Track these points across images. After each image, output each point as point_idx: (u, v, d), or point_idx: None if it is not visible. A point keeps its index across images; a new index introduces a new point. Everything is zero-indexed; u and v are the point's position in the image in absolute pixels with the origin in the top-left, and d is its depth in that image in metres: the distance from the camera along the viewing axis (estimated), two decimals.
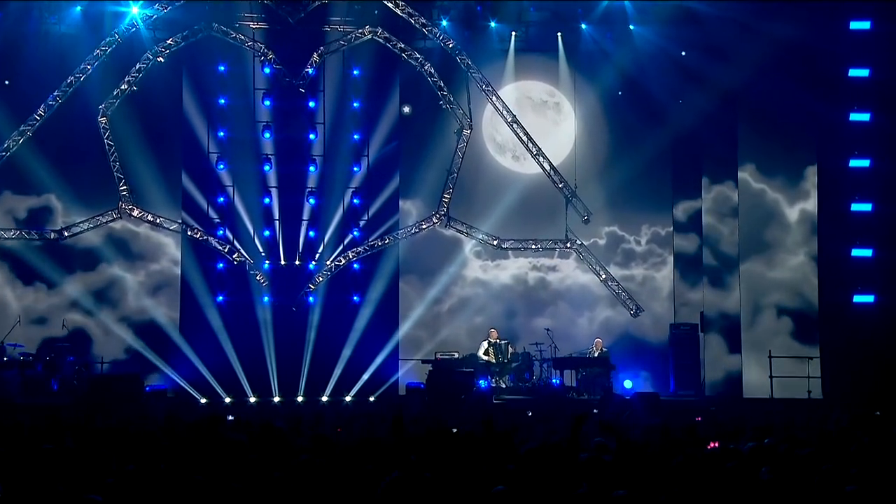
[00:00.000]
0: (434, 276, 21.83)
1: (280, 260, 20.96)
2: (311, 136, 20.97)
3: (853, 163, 20.16)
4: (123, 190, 20.60)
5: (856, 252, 20.09)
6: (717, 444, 9.39)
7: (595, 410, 16.95)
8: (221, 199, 20.86)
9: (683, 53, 21.43)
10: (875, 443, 8.69)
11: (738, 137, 21.12)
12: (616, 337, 21.62)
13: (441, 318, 21.76)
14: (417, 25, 21.25)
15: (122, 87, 20.47)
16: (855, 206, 20.12)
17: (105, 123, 20.50)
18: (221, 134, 20.78)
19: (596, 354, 20.47)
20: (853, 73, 20.18)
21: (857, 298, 20.07)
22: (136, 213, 20.71)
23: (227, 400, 19.25)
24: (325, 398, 19.70)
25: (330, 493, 6.20)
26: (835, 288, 20.18)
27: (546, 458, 6.88)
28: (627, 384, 20.62)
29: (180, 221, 20.78)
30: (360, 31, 21.09)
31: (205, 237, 20.74)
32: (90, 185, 20.75)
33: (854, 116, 20.17)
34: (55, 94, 20.39)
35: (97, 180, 20.66)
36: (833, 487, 6.57)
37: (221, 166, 20.69)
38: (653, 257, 22.30)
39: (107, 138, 20.49)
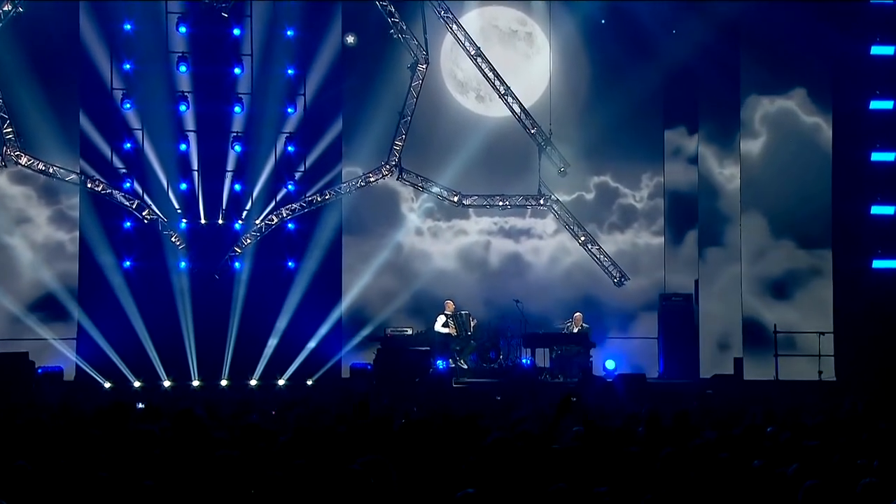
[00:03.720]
0: (384, 237, 21.82)
1: (200, 218, 20.83)
2: (237, 71, 20.78)
3: (874, 104, 20.33)
4: (8, 133, 20.28)
5: (876, 210, 20.32)
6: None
7: (573, 398, 17.08)
8: (128, 144, 20.63)
9: None
10: (894, 431, 8.88)
11: (739, 72, 21.23)
12: (597, 309, 21.79)
13: (392, 288, 21.77)
14: None
15: (5, 9, 20.07)
16: (875, 156, 20.33)
17: None
18: (127, 66, 20.50)
19: (575, 331, 20.63)
20: None
21: (877, 264, 20.35)
22: (24, 160, 20.41)
23: (137, 384, 19.21)
24: (253, 382, 19.71)
25: (260, 492, 6.23)
26: (851, 251, 20.44)
27: (514, 449, 6.97)
28: (609, 365, 20.83)
29: (78, 171, 20.53)
30: None
31: (108, 190, 20.52)
32: None
33: (876, 50, 20.32)
34: None
35: None
36: (844, 482, 6.71)
37: (128, 105, 20.45)
38: (661, 216, 22.46)
39: None
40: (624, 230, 22.54)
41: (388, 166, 21.64)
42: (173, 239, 20.62)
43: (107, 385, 19.09)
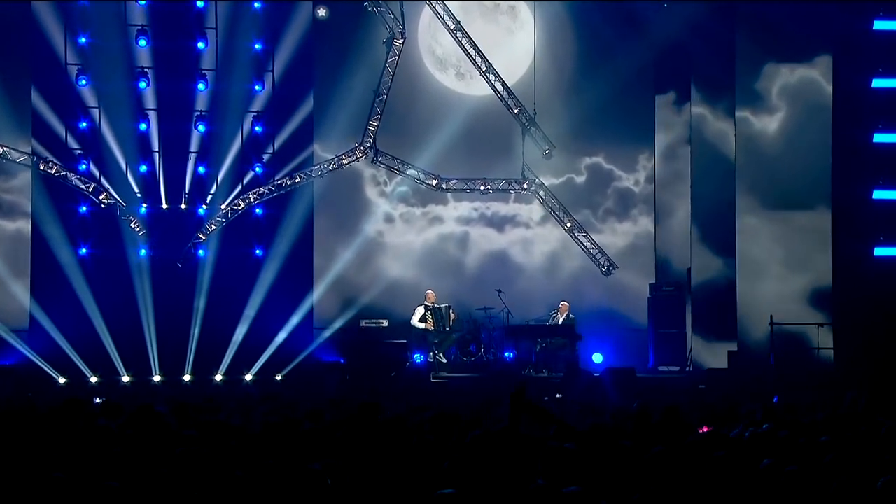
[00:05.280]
0: (357, 224, 21.83)
1: (161, 202, 20.76)
2: (200, 45, 20.69)
3: (877, 83, 20.44)
4: None
5: (878, 194, 20.45)
6: (708, 429, 9.62)
7: (558, 395, 17.18)
8: (84, 123, 20.54)
9: None
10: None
11: (735, 50, 21.29)
12: (584, 300, 21.83)
13: (366, 278, 21.78)
14: None
15: None
16: (878, 137, 20.43)
17: None
18: (83, 40, 20.39)
19: (560, 321, 20.68)
20: None
21: (879, 251, 20.49)
22: None
23: (93, 379, 19.15)
24: (218, 377, 19.69)
25: (225, 491, 6.23)
26: (852, 238, 20.55)
27: (493, 447, 7.00)
28: (597, 358, 20.89)
29: (30, 152, 20.41)
30: None
31: (62, 172, 20.43)
32: None
33: (879, 25, 20.42)
34: None
35: None
36: (844, 481, 6.76)
37: (83, 82, 20.34)
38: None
39: None
40: (622, 216, 22.57)
41: (362, 148, 21.61)
42: (132, 225, 20.55)
43: (61, 380, 19.01)
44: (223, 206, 20.99)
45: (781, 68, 21.18)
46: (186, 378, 19.65)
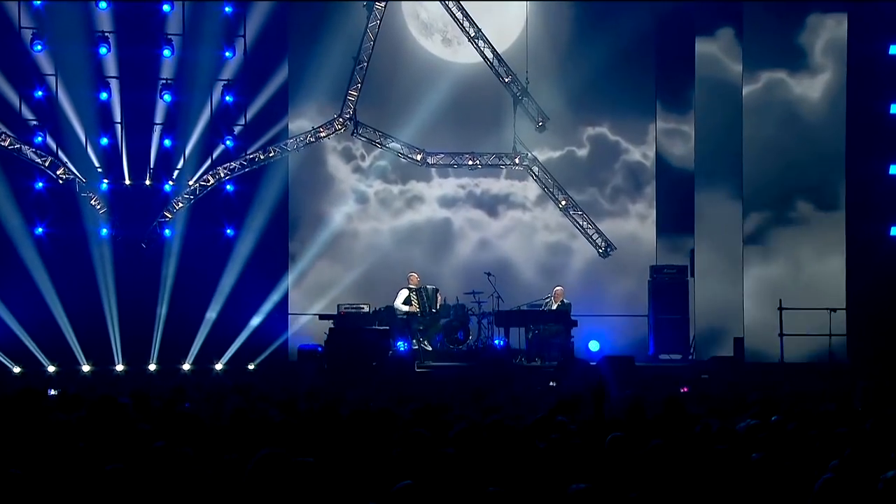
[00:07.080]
0: (336, 203, 21.81)
1: (123, 178, 20.74)
2: (166, 8, 20.65)
3: (894, 49, 20.49)
4: None
5: (895, 168, 20.52)
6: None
7: (552, 383, 17.22)
8: (39, 92, 20.49)
9: None
10: None
11: (742, 16, 21.30)
12: (581, 283, 21.88)
13: (346, 260, 21.79)
14: None
15: None
16: (895, 108, 20.50)
17: None
18: (38, 2, 20.34)
19: (554, 306, 20.71)
20: None
21: None
22: None
23: (51, 369, 19.16)
24: (186, 366, 19.71)
25: (193, 487, 6.25)
26: (867, 217, 20.62)
27: (481, 441, 7.03)
28: (593, 346, 20.95)
29: None
30: None
31: (16, 145, 20.38)
32: None
33: None
34: None
35: None
36: (855, 475, 6.81)
37: (38, 47, 20.28)
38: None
39: None
40: (634, 195, 22.51)
41: (341, 119, 21.59)
42: (93, 202, 20.53)
43: (16, 370, 19.03)
44: (191, 183, 20.97)
45: (791, 30, 21.19)
46: (152, 367, 19.68)
